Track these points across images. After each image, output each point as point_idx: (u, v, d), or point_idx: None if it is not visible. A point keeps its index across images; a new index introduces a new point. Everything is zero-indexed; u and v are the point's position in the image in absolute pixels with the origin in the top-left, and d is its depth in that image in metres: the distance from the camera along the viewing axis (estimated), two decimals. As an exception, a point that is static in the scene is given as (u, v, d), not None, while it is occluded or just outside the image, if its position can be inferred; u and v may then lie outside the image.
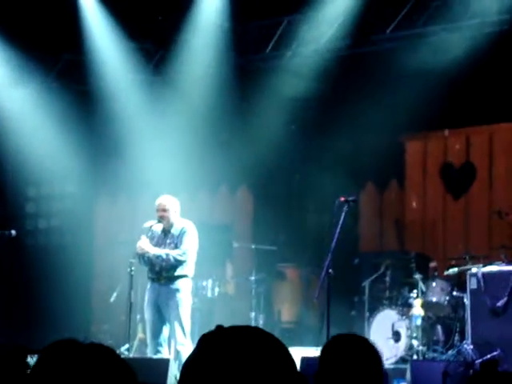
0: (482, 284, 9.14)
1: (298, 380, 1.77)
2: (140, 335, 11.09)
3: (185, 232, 9.19)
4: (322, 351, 3.26)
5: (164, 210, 9.22)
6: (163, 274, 9.14)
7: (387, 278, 10.75)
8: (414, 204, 12.67)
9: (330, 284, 8.35)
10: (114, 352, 1.93)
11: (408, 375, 8.55)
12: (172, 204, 9.29)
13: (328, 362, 3.19)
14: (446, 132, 12.51)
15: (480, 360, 8.69)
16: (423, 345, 9.88)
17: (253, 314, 11.37)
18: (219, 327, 1.81)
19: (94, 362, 1.84)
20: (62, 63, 13.19)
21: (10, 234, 10.08)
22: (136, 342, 11.03)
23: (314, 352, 8.76)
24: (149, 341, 9.31)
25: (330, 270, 8.32)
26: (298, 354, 8.37)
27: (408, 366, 8.69)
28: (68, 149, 12.87)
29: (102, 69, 12.80)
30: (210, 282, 11.47)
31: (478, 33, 11.13)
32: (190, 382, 1.75)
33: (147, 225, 9.36)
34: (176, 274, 9.12)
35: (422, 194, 12.66)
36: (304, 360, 7.99)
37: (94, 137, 13.08)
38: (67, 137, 12.81)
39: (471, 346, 9.08)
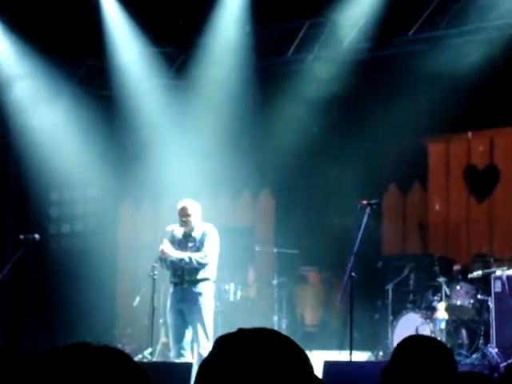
0: (506, 287, 9.07)
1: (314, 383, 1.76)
2: (163, 339, 11.10)
3: (206, 235, 9.19)
4: (397, 348, 3.24)
5: (186, 214, 9.22)
6: (186, 277, 9.13)
7: (411, 281, 10.70)
8: (438, 207, 12.60)
9: (353, 287, 8.31)
10: (128, 356, 1.92)
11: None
12: (194, 208, 9.29)
13: (401, 360, 3.18)
14: (470, 134, 12.44)
15: (505, 363, 8.62)
16: (447, 348, 9.81)
17: (275, 318, 11.35)
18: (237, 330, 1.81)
19: (105, 366, 1.82)
20: (85, 68, 13.25)
21: (34, 238, 10.11)
22: (159, 346, 11.04)
23: (337, 356, 8.74)
24: (172, 345, 9.31)
25: (353, 274, 8.29)
26: (321, 357, 8.34)
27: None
28: (91, 153, 12.91)
29: (124, 74, 12.85)
30: (232, 285, 11.46)
31: (500, 34, 11.07)
32: (205, 383, 1.74)
33: (169, 228, 9.36)
34: (198, 277, 9.12)
35: (445, 196, 12.59)
36: (327, 364, 7.95)
37: (116, 141, 13.12)
38: (90, 141, 12.86)
39: (496, 350, 9.02)
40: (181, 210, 9.28)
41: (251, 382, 1.67)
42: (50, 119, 13.01)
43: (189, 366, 8.65)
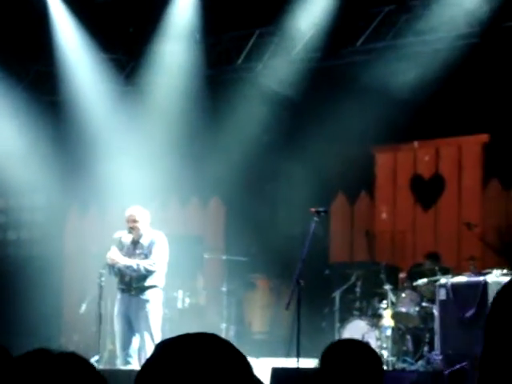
0: (451, 295, 9.19)
1: None
2: (110, 346, 11.04)
3: (155, 242, 9.19)
4: (324, 353, 3.28)
5: (134, 221, 9.21)
6: (133, 284, 9.12)
7: (357, 289, 10.79)
8: (384, 215, 12.74)
9: (301, 295, 8.37)
10: (86, 360, 1.93)
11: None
12: (142, 215, 9.28)
13: (329, 364, 3.21)
14: (416, 144, 12.60)
15: (449, 370, 8.74)
16: (393, 355, 9.91)
17: (224, 325, 11.36)
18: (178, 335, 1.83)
19: (66, 371, 1.84)
20: (32, 74, 13.13)
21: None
22: (106, 353, 10.97)
23: (285, 362, 8.79)
24: (118, 352, 9.28)
25: (301, 281, 8.35)
26: (269, 364, 8.38)
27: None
28: (38, 160, 12.80)
29: (72, 79, 12.77)
30: (180, 292, 11.45)
31: (447, 45, 11.25)
32: None
33: (117, 235, 9.34)
34: (146, 284, 9.11)
35: (391, 205, 12.74)
36: (274, 370, 8.00)
37: (64, 148, 13.03)
38: (37, 148, 12.75)
39: (440, 357, 9.13)
40: (128, 216, 9.27)
41: None
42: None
43: (135, 373, 8.62)
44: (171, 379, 1.71)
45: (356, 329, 10.16)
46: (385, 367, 9.68)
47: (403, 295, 10.32)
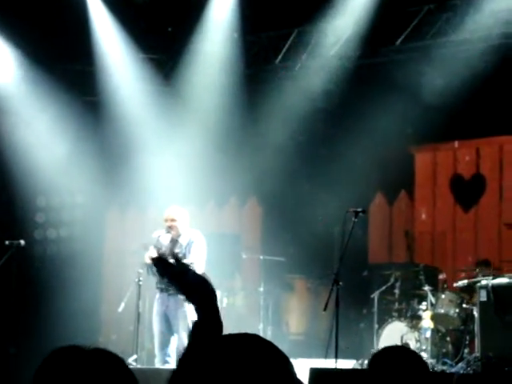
0: (491, 296, 9.09)
1: None
2: (148, 346, 11.07)
3: (193, 242, 9.19)
4: (372, 360, 3.28)
5: (172, 220, 9.23)
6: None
7: (396, 290, 10.71)
8: (424, 216, 12.64)
9: (339, 296, 8.32)
10: (119, 358, 1.92)
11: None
12: (180, 214, 9.29)
13: (377, 371, 3.21)
14: (456, 143, 12.48)
15: (490, 372, 8.63)
16: (432, 357, 9.82)
17: (261, 326, 11.34)
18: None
19: (97, 367, 1.83)
20: (72, 74, 13.22)
21: (19, 243, 10.09)
22: (144, 353, 11.01)
23: (323, 363, 8.73)
24: (157, 351, 9.29)
25: (339, 282, 8.30)
26: (307, 365, 8.33)
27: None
28: (78, 159, 12.89)
29: (112, 79, 12.84)
30: (218, 292, 11.42)
31: (488, 44, 11.13)
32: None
33: (155, 235, 9.36)
34: (185, 284, 9.10)
35: (431, 205, 12.63)
36: (313, 371, 7.95)
37: (104, 147, 13.10)
38: (77, 147, 12.83)
39: (480, 359, 9.03)
40: (167, 216, 9.28)
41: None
42: (37, 125, 12.97)
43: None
44: (214, 379, 1.69)
45: (395, 330, 10.09)
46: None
47: (443, 296, 10.22)
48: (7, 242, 10.05)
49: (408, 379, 3.11)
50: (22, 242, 10.09)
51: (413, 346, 9.91)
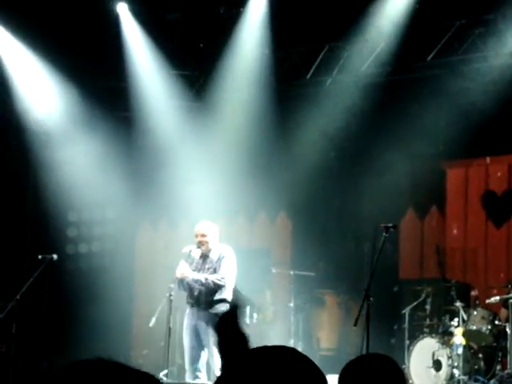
0: (524, 313, 9.01)
1: None
2: (179, 361, 11.08)
3: (223, 257, 9.21)
4: (342, 371, 3.17)
5: (203, 236, 9.25)
6: (202, 298, 9.14)
7: (427, 306, 10.65)
8: (455, 231, 12.56)
9: (370, 311, 8.29)
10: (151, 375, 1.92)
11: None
12: (211, 229, 9.31)
13: (347, 381, 3.11)
14: (488, 159, 12.41)
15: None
16: (465, 374, 9.75)
17: (292, 341, 11.31)
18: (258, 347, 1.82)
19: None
20: (105, 90, 13.34)
21: (52, 257, 10.17)
22: (175, 368, 11.02)
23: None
24: (187, 366, 9.30)
25: (370, 297, 8.27)
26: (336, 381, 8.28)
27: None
28: (110, 174, 12.97)
29: (143, 95, 12.93)
30: (248, 307, 11.44)
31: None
32: None
33: (186, 250, 9.39)
34: (215, 298, 9.12)
35: (463, 221, 12.55)
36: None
37: (135, 162, 13.19)
38: (109, 162, 12.92)
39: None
40: (197, 231, 9.31)
41: None
42: (69, 139, 13.08)
43: (205, 387, 8.64)
44: None
45: (426, 346, 10.03)
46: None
47: (475, 313, 10.15)
48: (40, 257, 10.13)
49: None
50: (55, 256, 10.17)
51: (444, 362, 9.84)
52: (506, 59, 11.24)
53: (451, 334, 10.09)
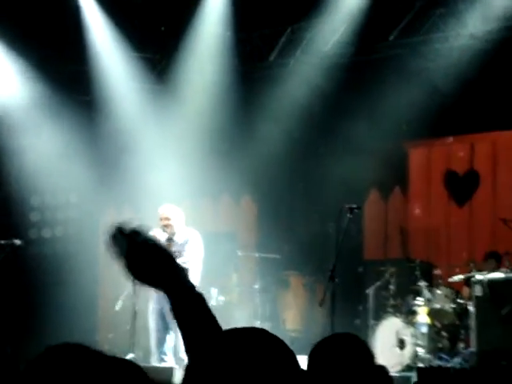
0: (486, 291, 9.12)
1: (304, 379, 1.79)
2: (144, 344, 11.07)
3: (189, 240, 9.21)
4: (311, 352, 3.13)
5: (167, 219, 9.24)
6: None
7: (392, 286, 10.73)
8: (418, 211, 12.66)
9: (335, 292, 8.34)
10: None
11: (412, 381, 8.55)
12: (175, 213, 9.30)
13: (317, 361, 3.07)
14: (450, 139, 12.50)
15: (486, 366, 8.67)
16: (428, 352, 9.85)
17: (258, 323, 11.35)
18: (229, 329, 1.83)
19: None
20: (66, 74, 13.21)
21: (15, 243, 10.09)
22: (140, 351, 11.01)
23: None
24: (153, 349, 9.31)
25: (336, 279, 8.32)
26: (305, 361, 8.34)
27: (414, 374, 8.67)
28: (73, 159, 12.88)
29: (105, 79, 12.84)
30: (214, 290, 11.46)
31: (481, 40, 11.15)
32: (193, 381, 1.76)
33: (151, 233, 9.35)
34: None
35: (425, 201, 12.65)
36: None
37: (98, 146, 13.11)
38: (71, 146, 12.83)
39: (476, 354, 9.07)
40: (161, 215, 9.30)
41: (242, 379, 1.69)
42: (31, 125, 12.97)
43: (170, 370, 8.66)
44: (223, 372, 1.71)
45: (390, 326, 10.12)
46: (420, 364, 9.62)
47: (438, 292, 10.26)
48: (2, 242, 10.05)
49: (349, 367, 2.98)
50: (18, 241, 10.09)
51: (409, 341, 9.94)
52: (466, 40, 11.30)
53: (415, 313, 10.19)
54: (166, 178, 12.24)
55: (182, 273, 2.25)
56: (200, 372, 1.75)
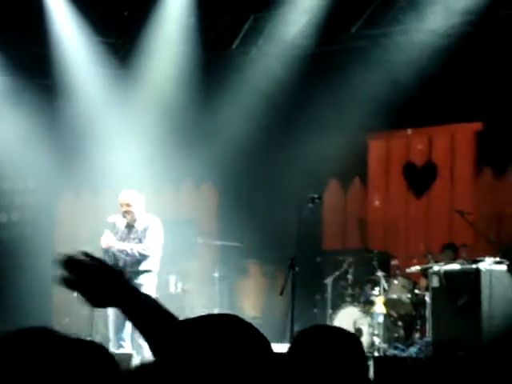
0: (443, 282, 9.24)
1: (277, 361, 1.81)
2: (102, 330, 11.03)
3: (149, 227, 9.18)
4: (293, 341, 3.04)
5: (128, 205, 9.19)
6: (127, 268, 9.10)
7: (349, 276, 10.82)
8: (377, 202, 12.77)
9: (294, 281, 8.39)
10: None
11: (370, 372, 8.63)
12: (135, 199, 9.26)
13: (299, 352, 2.93)
14: (409, 131, 12.61)
15: (441, 357, 8.79)
16: (385, 342, 9.96)
17: (216, 310, 11.37)
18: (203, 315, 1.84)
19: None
20: (26, 57, 13.07)
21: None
22: (98, 337, 10.96)
23: (279, 348, 8.81)
24: (111, 336, 9.27)
25: (296, 268, 8.37)
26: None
27: (371, 363, 8.76)
28: (30, 143, 12.76)
29: (66, 62, 12.72)
30: (173, 277, 11.45)
31: (441, 33, 11.26)
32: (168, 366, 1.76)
33: (111, 219, 9.31)
34: (140, 268, 9.10)
35: (384, 192, 12.77)
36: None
37: (57, 131, 12.98)
38: (30, 131, 12.70)
39: (431, 344, 9.19)
40: (122, 200, 9.24)
41: (216, 365, 1.70)
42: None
43: (129, 356, 8.63)
44: (195, 359, 1.71)
45: (348, 315, 10.21)
46: (376, 354, 9.73)
47: (395, 282, 10.37)
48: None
49: (333, 357, 2.81)
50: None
51: (365, 330, 10.04)
52: (426, 35, 11.40)
53: (372, 303, 10.29)
54: (126, 164, 12.18)
55: (133, 289, 2.27)
56: (173, 364, 1.75)
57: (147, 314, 2.21)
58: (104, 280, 2.22)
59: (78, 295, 2.24)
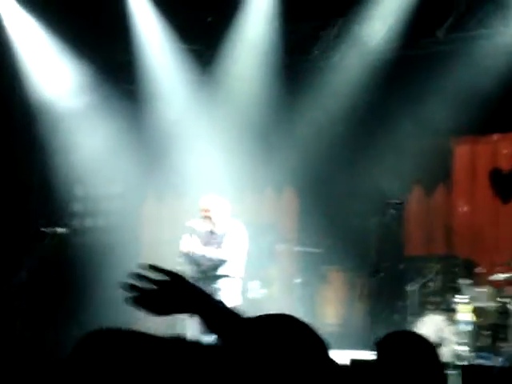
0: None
1: (330, 366, 1.78)
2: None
3: (230, 232, 9.19)
4: (378, 346, 3.13)
5: (206, 210, 9.23)
6: (207, 273, 9.15)
7: (432, 283, 10.66)
8: (462, 208, 12.55)
9: (375, 288, 8.30)
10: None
11: (458, 381, 8.47)
12: (215, 204, 9.28)
13: (385, 358, 3.06)
14: (495, 136, 12.40)
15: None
16: (470, 351, 9.76)
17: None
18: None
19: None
20: (113, 64, 13.30)
21: (56, 231, 10.18)
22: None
23: (363, 354, 8.70)
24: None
25: (376, 274, 8.28)
26: (347, 356, 8.31)
27: (456, 372, 8.59)
28: (116, 149, 12.96)
29: (150, 69, 12.89)
30: (254, 283, 11.45)
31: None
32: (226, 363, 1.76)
33: (190, 224, 9.35)
34: (219, 273, 9.13)
35: (470, 198, 12.54)
36: (354, 362, 7.94)
37: (141, 137, 13.16)
38: (115, 137, 12.90)
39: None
40: (202, 205, 9.29)
41: (270, 364, 1.69)
42: (76, 115, 13.06)
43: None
44: (251, 357, 1.70)
45: (431, 323, 10.04)
46: (463, 363, 9.52)
47: (480, 290, 10.16)
48: (45, 230, 10.14)
49: (417, 365, 2.98)
50: (60, 229, 10.18)
51: (449, 339, 9.85)
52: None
53: (455, 311, 10.10)
54: (209, 169, 12.26)
55: (210, 297, 2.44)
56: (229, 357, 1.74)
57: (217, 317, 2.37)
58: (174, 293, 2.34)
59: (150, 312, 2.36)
